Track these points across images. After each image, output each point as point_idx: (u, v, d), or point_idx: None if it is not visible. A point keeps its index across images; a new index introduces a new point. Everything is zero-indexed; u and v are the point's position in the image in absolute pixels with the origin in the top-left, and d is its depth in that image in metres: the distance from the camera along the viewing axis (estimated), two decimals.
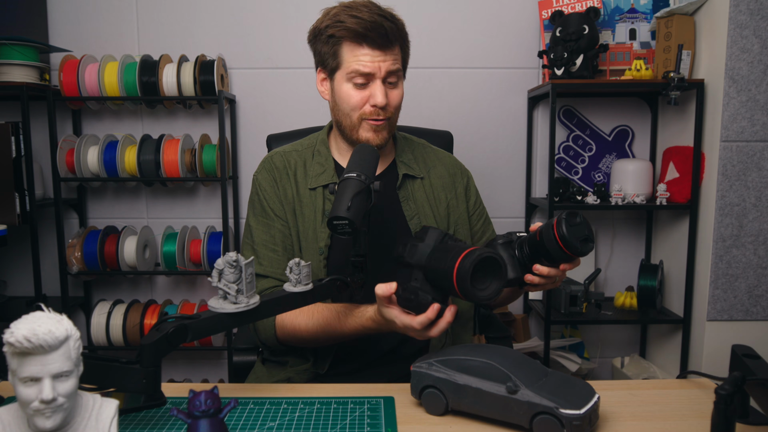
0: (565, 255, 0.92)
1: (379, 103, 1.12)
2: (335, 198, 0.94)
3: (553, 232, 0.91)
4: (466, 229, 1.26)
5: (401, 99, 1.18)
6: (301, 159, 1.24)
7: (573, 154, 2.26)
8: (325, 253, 1.17)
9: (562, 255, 0.92)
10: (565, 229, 0.90)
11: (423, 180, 1.25)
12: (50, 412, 0.62)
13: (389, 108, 1.14)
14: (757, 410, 0.86)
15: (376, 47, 1.10)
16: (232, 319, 0.85)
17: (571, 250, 0.91)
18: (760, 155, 1.79)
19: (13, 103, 2.16)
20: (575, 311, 2.02)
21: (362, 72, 1.11)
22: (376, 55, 1.10)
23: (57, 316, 0.63)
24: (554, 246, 0.92)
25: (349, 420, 0.84)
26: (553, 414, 0.76)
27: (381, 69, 1.11)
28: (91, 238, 2.11)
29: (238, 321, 0.86)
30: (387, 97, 1.13)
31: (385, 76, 1.12)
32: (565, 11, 2.06)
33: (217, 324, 0.85)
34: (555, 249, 0.92)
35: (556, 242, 0.91)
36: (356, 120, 1.15)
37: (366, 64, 1.10)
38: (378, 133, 1.16)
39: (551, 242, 0.92)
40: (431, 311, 0.90)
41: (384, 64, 1.11)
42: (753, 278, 1.84)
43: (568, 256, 0.92)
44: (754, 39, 1.74)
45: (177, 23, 2.18)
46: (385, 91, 1.13)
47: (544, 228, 0.93)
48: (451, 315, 0.92)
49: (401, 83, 1.18)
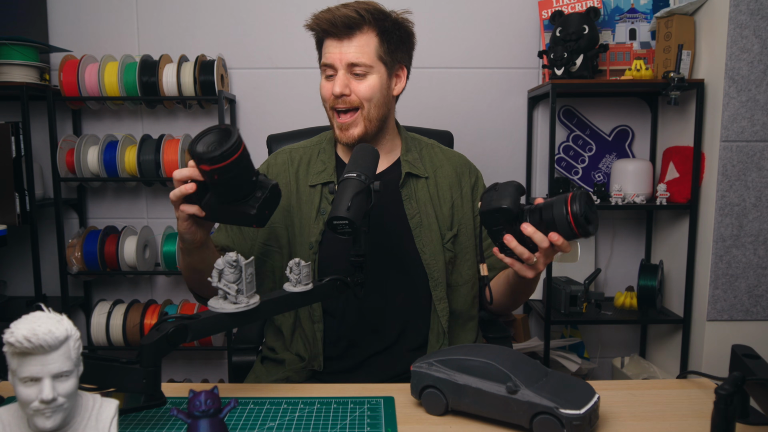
0: (569, 230, 0.92)
1: (336, 92, 1.14)
2: (335, 198, 0.94)
3: (566, 206, 0.92)
4: (471, 230, 1.26)
5: (373, 90, 1.15)
6: (307, 156, 1.26)
7: (573, 154, 2.26)
8: (315, 248, 1.17)
9: (566, 229, 0.92)
10: (579, 206, 0.91)
11: (428, 180, 1.25)
12: (50, 412, 0.62)
13: (355, 97, 1.15)
14: (757, 410, 0.86)
15: (336, 38, 1.14)
16: (232, 319, 0.85)
17: (578, 227, 0.91)
18: (760, 155, 1.79)
19: (13, 103, 2.16)
20: (575, 311, 2.02)
21: (325, 63, 1.16)
22: (336, 45, 1.14)
23: (57, 316, 0.63)
24: (562, 218, 0.92)
25: (349, 420, 0.84)
26: (553, 414, 0.76)
27: (341, 59, 1.13)
28: (91, 238, 2.11)
29: (238, 321, 0.86)
30: (350, 87, 1.14)
31: (346, 67, 1.14)
32: (565, 11, 2.06)
33: (217, 324, 0.85)
34: (562, 221, 0.92)
35: (566, 215, 0.91)
36: (330, 112, 1.18)
37: (328, 55, 1.15)
38: (344, 132, 1.17)
39: (560, 215, 0.92)
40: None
41: (344, 55, 1.13)
42: (753, 278, 1.83)
43: (571, 232, 0.92)
44: (754, 39, 1.74)
45: (177, 23, 2.18)
46: (347, 81, 1.14)
47: (556, 200, 0.93)
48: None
49: (375, 75, 1.15)
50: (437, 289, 1.20)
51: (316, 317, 1.18)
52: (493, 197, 0.97)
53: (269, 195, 0.93)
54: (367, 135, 1.18)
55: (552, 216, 0.93)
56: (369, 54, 1.14)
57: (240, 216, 0.93)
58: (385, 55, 1.16)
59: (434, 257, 1.20)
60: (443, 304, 1.20)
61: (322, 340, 1.18)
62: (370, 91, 1.15)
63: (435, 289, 1.19)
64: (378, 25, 1.14)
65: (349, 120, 1.16)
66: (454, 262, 1.24)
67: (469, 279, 1.24)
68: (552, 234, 0.94)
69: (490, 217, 0.97)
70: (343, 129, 1.17)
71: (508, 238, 0.97)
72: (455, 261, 1.24)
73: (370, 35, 1.14)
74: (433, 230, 1.21)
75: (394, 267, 1.20)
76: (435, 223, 1.21)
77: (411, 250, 1.20)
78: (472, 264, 1.25)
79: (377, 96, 1.16)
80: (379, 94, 1.16)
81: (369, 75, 1.15)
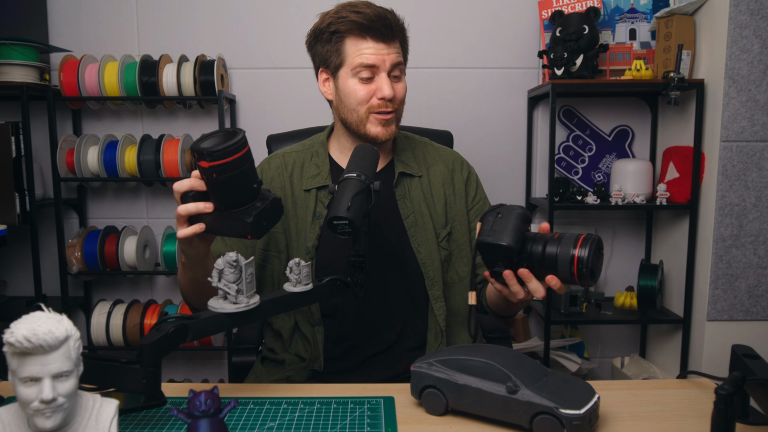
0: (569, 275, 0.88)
1: (387, 95, 1.12)
2: (335, 198, 0.94)
3: (574, 248, 0.87)
4: (464, 225, 1.25)
5: (405, 92, 1.19)
6: (300, 160, 1.25)
7: (573, 154, 2.26)
8: (312, 253, 1.17)
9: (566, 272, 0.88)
10: (587, 252, 0.86)
11: (421, 178, 1.25)
12: (50, 412, 0.62)
13: (396, 100, 1.15)
14: (757, 410, 0.86)
15: (380, 40, 1.12)
16: (232, 319, 0.85)
17: (579, 276, 0.87)
18: (760, 155, 1.79)
19: (13, 103, 2.16)
20: (575, 311, 2.02)
21: (367, 64, 1.12)
22: (380, 47, 1.12)
23: (57, 316, 0.63)
24: (565, 260, 0.87)
25: (349, 420, 0.84)
26: (553, 414, 0.76)
27: (386, 61, 1.12)
28: (91, 238, 2.11)
29: (238, 321, 0.86)
30: (393, 90, 1.14)
31: (390, 68, 1.13)
32: (565, 11, 2.06)
33: (217, 324, 0.85)
34: (564, 263, 0.88)
35: (570, 258, 0.87)
36: (363, 114, 1.15)
37: (370, 56, 1.12)
38: (387, 128, 1.16)
39: (565, 256, 0.87)
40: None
41: (389, 56, 1.12)
42: (753, 278, 1.83)
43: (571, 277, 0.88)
44: (754, 39, 1.74)
45: (177, 23, 2.18)
46: (391, 84, 1.14)
47: (566, 237, 0.89)
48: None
49: (404, 77, 1.19)
50: (434, 288, 1.20)
51: (315, 320, 1.18)
52: (495, 228, 0.91)
53: (269, 207, 0.90)
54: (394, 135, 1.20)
55: (556, 254, 0.88)
56: (402, 57, 1.17)
57: (236, 224, 0.89)
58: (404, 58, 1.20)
59: (430, 256, 1.20)
60: (440, 303, 1.20)
61: (322, 342, 1.18)
62: (404, 92, 1.18)
63: (431, 289, 1.20)
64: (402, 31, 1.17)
65: (389, 118, 1.16)
66: (450, 260, 1.24)
67: (465, 275, 1.24)
68: (550, 278, 0.90)
69: (488, 249, 0.92)
70: (386, 125, 1.16)
71: (508, 275, 0.92)
72: (450, 258, 1.24)
73: (398, 39, 1.16)
74: (428, 229, 1.21)
75: (390, 268, 1.20)
76: (429, 222, 1.21)
77: (407, 250, 1.20)
78: (467, 260, 1.24)
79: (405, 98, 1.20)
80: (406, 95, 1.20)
81: (402, 77, 1.18)
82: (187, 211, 0.91)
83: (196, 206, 0.90)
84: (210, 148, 0.84)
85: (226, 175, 0.85)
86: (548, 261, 0.89)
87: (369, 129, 1.16)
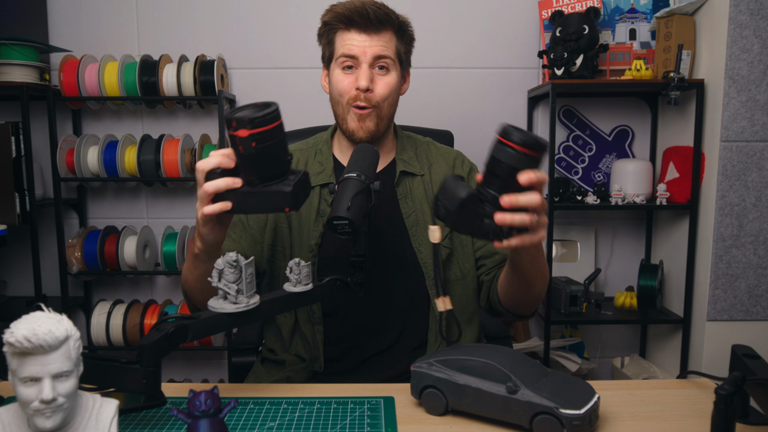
0: (530, 160, 0.82)
1: (362, 86, 1.12)
2: (335, 198, 0.94)
3: (509, 145, 0.82)
4: None
5: (391, 88, 1.16)
6: (303, 157, 1.25)
7: (573, 154, 2.26)
8: (315, 251, 1.17)
9: (527, 162, 0.82)
10: (519, 134, 0.82)
11: (423, 177, 1.25)
12: (50, 412, 0.62)
13: (375, 95, 1.14)
14: (757, 410, 0.86)
15: (362, 31, 1.13)
16: (232, 319, 0.85)
17: (536, 148, 0.82)
18: (760, 155, 1.79)
19: (13, 103, 2.16)
20: (575, 311, 2.02)
21: (348, 54, 1.13)
22: (362, 39, 1.13)
23: (57, 316, 0.63)
24: (516, 156, 0.82)
25: (349, 420, 0.84)
26: (553, 414, 0.76)
27: (367, 53, 1.13)
28: (91, 238, 2.11)
29: (238, 321, 0.86)
30: (373, 83, 1.13)
31: (371, 60, 1.13)
32: (565, 11, 2.06)
33: (217, 324, 0.85)
34: (518, 158, 0.82)
35: (516, 151, 0.82)
36: (346, 107, 1.16)
37: (352, 47, 1.13)
38: (362, 123, 1.15)
39: (509, 155, 0.82)
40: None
41: (370, 48, 1.13)
42: (753, 278, 1.83)
43: (532, 160, 0.82)
44: (754, 39, 1.74)
45: (177, 23, 2.18)
46: (372, 77, 1.13)
47: (494, 152, 0.84)
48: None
49: (394, 73, 1.17)
50: (434, 288, 1.19)
51: (315, 319, 1.18)
52: (443, 200, 0.87)
53: (303, 178, 0.89)
54: (377, 132, 1.18)
55: (506, 166, 0.83)
56: (392, 50, 1.16)
57: (271, 197, 0.86)
58: (402, 55, 1.19)
59: (431, 256, 1.20)
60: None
61: (322, 342, 1.18)
62: (389, 89, 1.16)
63: (432, 288, 1.19)
64: (397, 24, 1.16)
65: (366, 113, 1.15)
66: (451, 258, 1.24)
67: (467, 273, 1.24)
68: (521, 176, 0.83)
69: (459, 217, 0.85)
70: (361, 120, 1.15)
71: (505, 200, 0.83)
72: (452, 257, 1.24)
73: (391, 33, 1.16)
74: None
75: (391, 267, 1.20)
76: (430, 222, 1.21)
77: (408, 249, 1.20)
78: (469, 257, 1.24)
79: (393, 95, 1.17)
80: (394, 93, 1.18)
81: (390, 71, 1.16)
82: (216, 188, 0.87)
83: (226, 181, 0.87)
84: (251, 115, 0.81)
85: (266, 143, 0.82)
86: (509, 175, 0.83)
87: (348, 123, 1.16)
